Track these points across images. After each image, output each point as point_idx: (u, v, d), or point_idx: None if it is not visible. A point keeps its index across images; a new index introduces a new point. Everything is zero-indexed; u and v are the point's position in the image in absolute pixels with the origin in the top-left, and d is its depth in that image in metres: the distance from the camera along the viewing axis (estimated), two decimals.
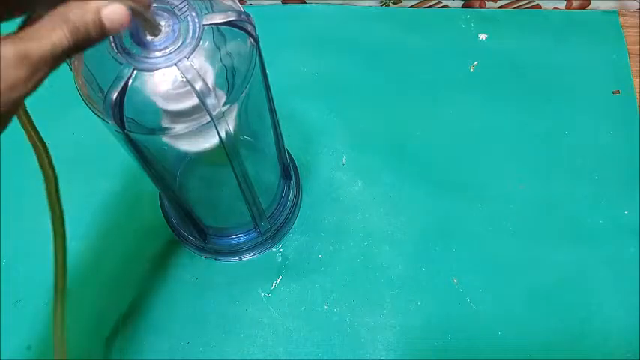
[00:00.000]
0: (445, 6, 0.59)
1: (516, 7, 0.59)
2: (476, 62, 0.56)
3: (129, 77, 0.26)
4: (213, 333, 0.46)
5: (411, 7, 0.60)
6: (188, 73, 0.27)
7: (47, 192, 0.30)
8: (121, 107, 0.27)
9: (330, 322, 0.46)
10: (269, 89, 0.36)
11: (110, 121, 0.28)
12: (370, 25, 0.59)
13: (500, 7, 0.59)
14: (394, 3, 0.59)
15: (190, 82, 0.27)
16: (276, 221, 0.48)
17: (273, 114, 0.39)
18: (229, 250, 0.48)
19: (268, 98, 0.37)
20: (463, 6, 0.59)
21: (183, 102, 0.28)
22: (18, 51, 0.21)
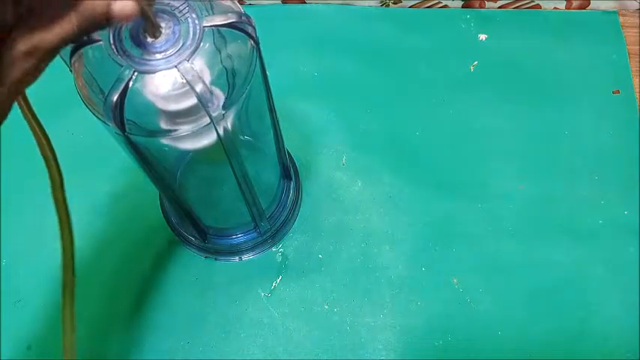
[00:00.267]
0: (445, 6, 0.59)
1: (516, 7, 0.59)
2: (476, 62, 0.56)
3: (129, 79, 0.26)
4: (213, 333, 0.46)
5: (411, 7, 0.60)
6: (188, 75, 0.27)
7: (52, 189, 0.30)
8: (122, 109, 0.27)
9: (330, 322, 0.46)
10: (269, 90, 0.36)
11: (110, 124, 0.27)
12: (370, 25, 0.59)
13: (500, 7, 0.59)
14: (394, 3, 0.59)
15: (191, 84, 0.27)
16: (276, 221, 0.48)
17: (273, 114, 0.39)
18: (229, 250, 0.48)
19: (268, 99, 0.37)
20: (463, 6, 0.59)
21: (183, 102, 0.28)
22: (31, 44, 0.21)
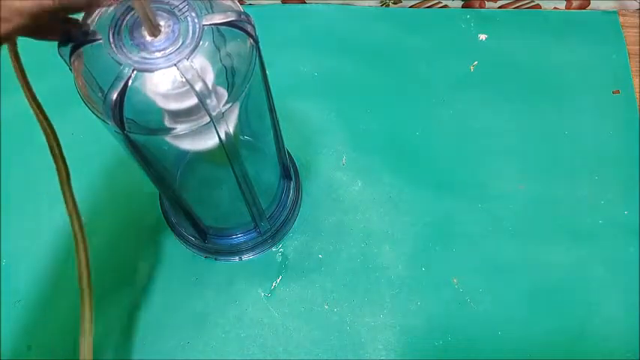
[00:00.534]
0: (445, 6, 0.59)
1: (516, 7, 0.59)
2: (476, 62, 0.56)
3: (128, 78, 0.26)
4: (213, 333, 0.46)
5: (411, 7, 0.60)
6: (188, 74, 0.27)
7: (59, 180, 0.33)
8: (121, 108, 0.27)
9: (330, 322, 0.46)
10: (269, 89, 0.36)
11: (110, 122, 0.27)
12: (370, 25, 0.59)
13: (500, 7, 0.59)
14: (394, 3, 0.59)
15: (190, 83, 0.27)
16: (276, 221, 0.48)
17: (273, 114, 0.39)
18: (229, 250, 0.48)
19: (268, 98, 0.37)
20: (463, 6, 0.59)
21: (183, 101, 0.28)
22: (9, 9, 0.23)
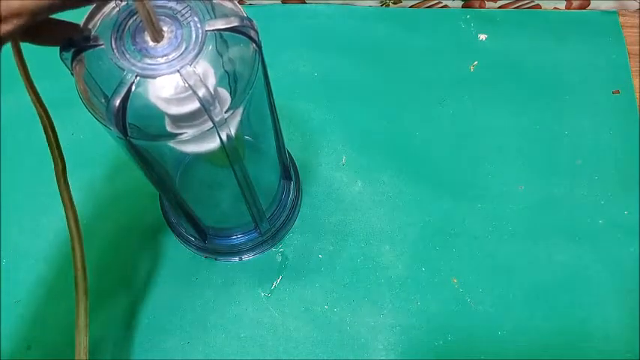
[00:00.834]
0: (445, 6, 0.59)
1: (516, 7, 0.59)
2: (476, 62, 0.56)
3: (131, 84, 0.26)
4: (213, 333, 0.46)
5: (411, 7, 0.60)
6: (191, 80, 0.27)
7: (55, 171, 0.33)
8: (124, 114, 0.27)
9: (330, 322, 0.46)
10: (271, 92, 0.36)
11: (113, 128, 0.27)
12: (370, 25, 0.59)
13: (500, 7, 0.59)
14: (394, 3, 0.59)
15: (193, 89, 0.27)
16: (276, 221, 0.48)
17: (274, 115, 0.39)
18: (229, 251, 0.48)
19: (270, 101, 0.37)
20: (463, 6, 0.59)
21: (185, 105, 0.28)
22: (9, 8, 0.22)
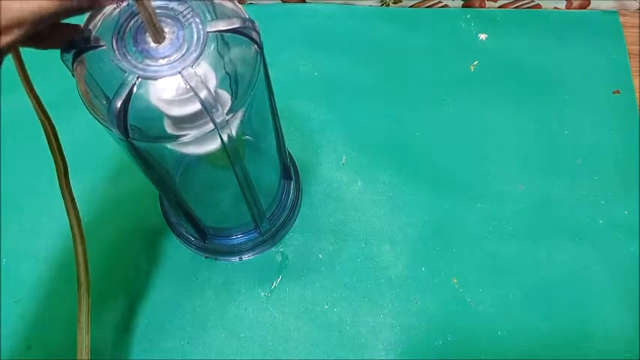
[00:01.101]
0: (445, 5, 0.59)
1: (516, 7, 0.59)
2: (476, 62, 0.56)
3: (133, 85, 0.26)
4: (213, 333, 0.46)
5: (411, 7, 0.60)
6: (192, 82, 0.26)
7: (57, 173, 0.33)
8: (125, 115, 0.27)
9: (330, 322, 0.46)
10: (272, 93, 0.36)
11: (114, 130, 0.27)
12: (370, 25, 0.58)
13: (500, 7, 0.59)
14: (394, 2, 0.59)
15: (195, 91, 0.27)
16: (276, 221, 0.48)
17: (275, 116, 0.39)
18: (229, 250, 0.48)
19: (271, 101, 0.37)
20: (463, 5, 0.59)
21: (187, 107, 0.28)
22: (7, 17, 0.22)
